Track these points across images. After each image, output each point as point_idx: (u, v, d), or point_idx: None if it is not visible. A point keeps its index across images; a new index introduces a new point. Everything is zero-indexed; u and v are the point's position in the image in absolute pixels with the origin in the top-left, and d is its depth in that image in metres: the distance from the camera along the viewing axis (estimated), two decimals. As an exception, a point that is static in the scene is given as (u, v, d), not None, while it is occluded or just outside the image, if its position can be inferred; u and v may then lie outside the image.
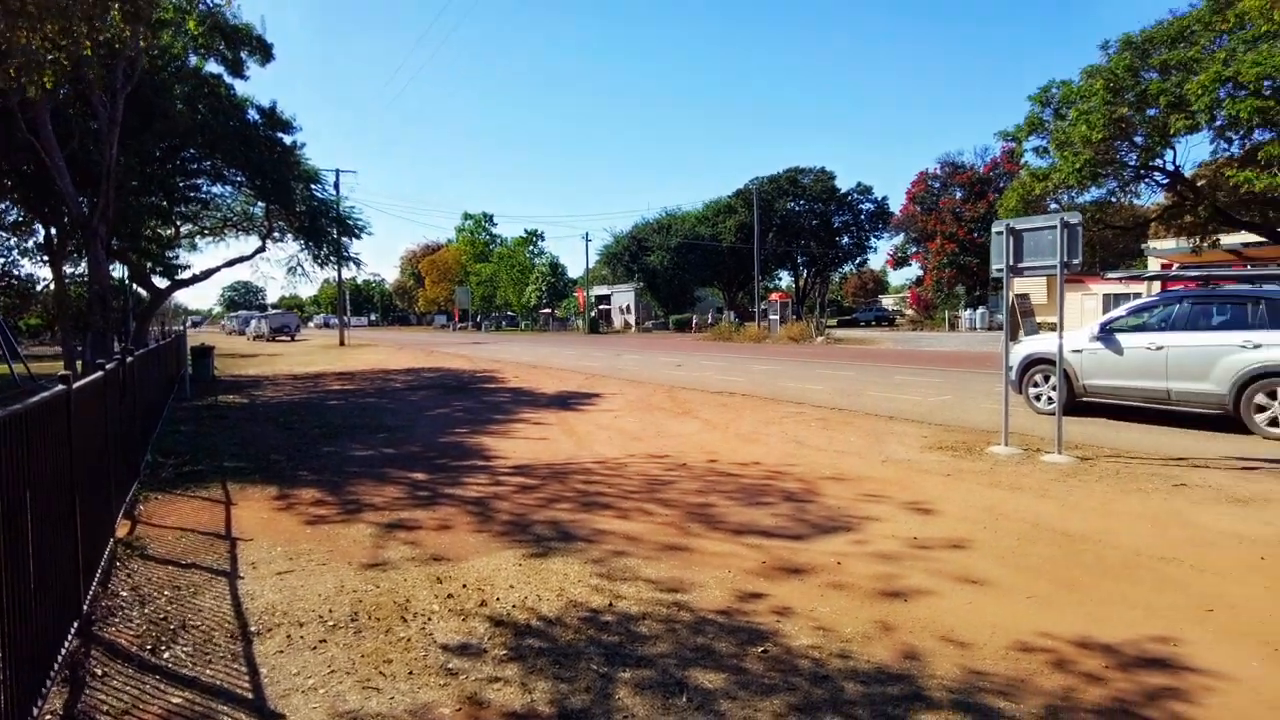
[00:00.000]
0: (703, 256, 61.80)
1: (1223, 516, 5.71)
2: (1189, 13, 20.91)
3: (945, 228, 48.87)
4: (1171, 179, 23.23)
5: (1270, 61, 17.39)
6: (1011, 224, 8.08)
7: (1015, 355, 10.95)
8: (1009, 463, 7.68)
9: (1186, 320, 9.35)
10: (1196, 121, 19.44)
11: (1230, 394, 8.79)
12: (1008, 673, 3.38)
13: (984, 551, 5.00)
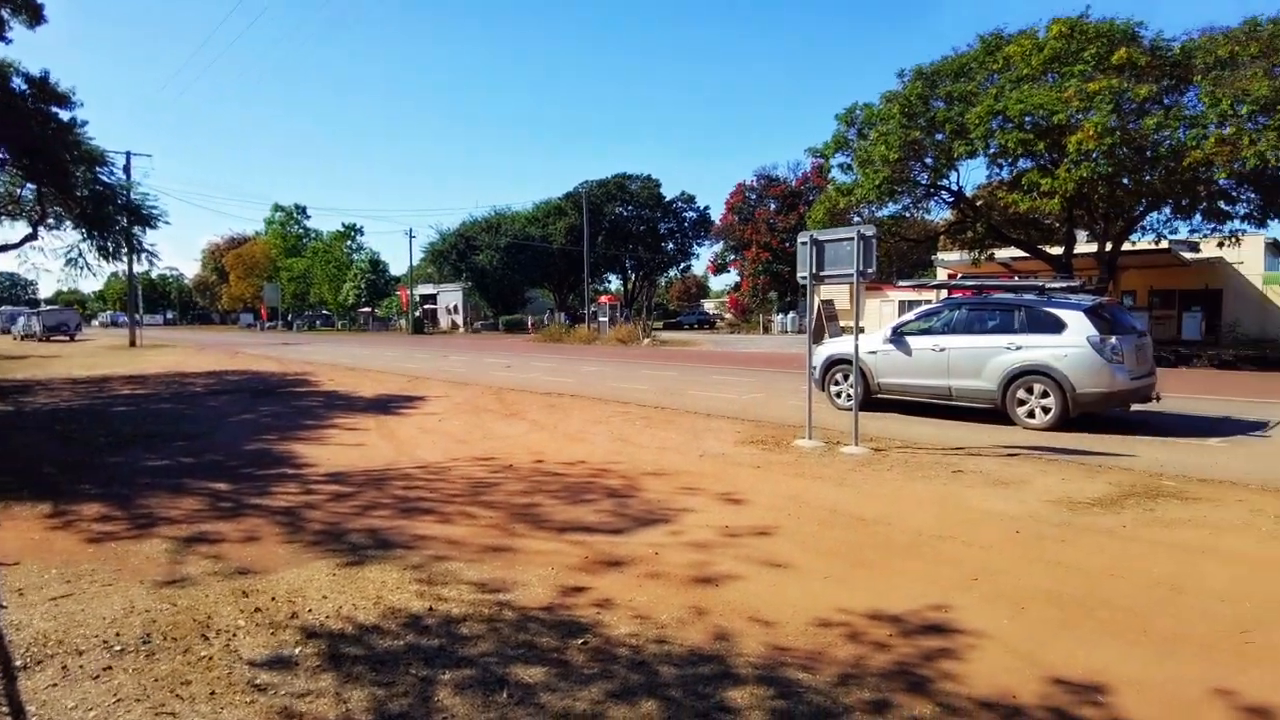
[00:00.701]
0: (533, 257, 61.59)
1: (989, 497, 6.50)
2: (968, 51, 23.46)
3: (760, 237, 51.71)
4: (955, 198, 25.93)
5: (1030, 100, 19.86)
6: (814, 235, 8.73)
7: (819, 356, 11.84)
8: (812, 455, 8.30)
9: (963, 325, 10.54)
10: (975, 148, 21.85)
11: (999, 390, 10.00)
12: (808, 647, 3.67)
13: (788, 537, 5.38)
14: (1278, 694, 3.21)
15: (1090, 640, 3.75)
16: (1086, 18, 21.30)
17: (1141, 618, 4.02)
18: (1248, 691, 3.23)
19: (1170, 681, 3.33)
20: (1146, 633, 3.85)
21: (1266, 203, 21.17)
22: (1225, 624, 3.94)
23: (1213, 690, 3.24)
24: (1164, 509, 6.11)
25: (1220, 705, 3.13)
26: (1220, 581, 4.55)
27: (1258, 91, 18.03)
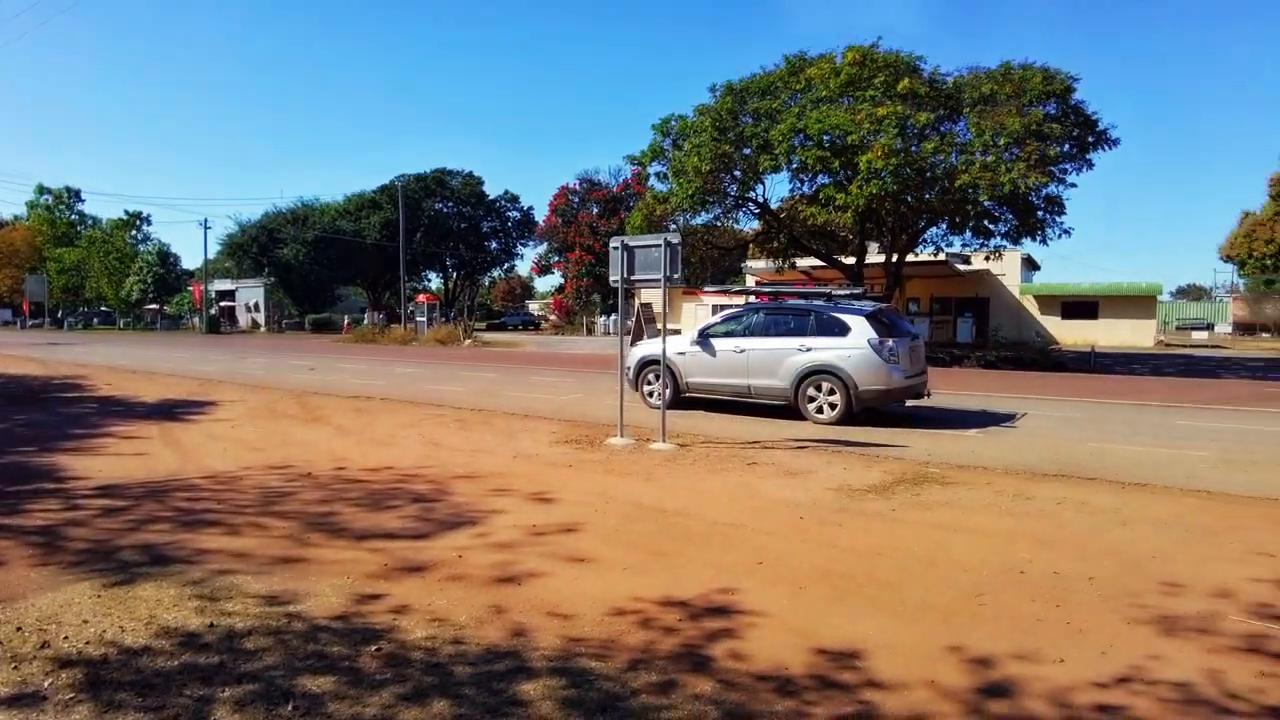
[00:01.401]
0: (345, 252, 58.51)
1: (779, 487, 7.01)
2: (774, 70, 24.99)
3: (583, 240, 52.32)
4: (761, 209, 27.54)
5: (828, 120, 21.52)
6: (625, 241, 9.02)
7: (632, 357, 12.23)
8: (623, 452, 8.56)
9: (761, 328, 11.29)
10: (779, 163, 23.34)
11: (791, 388, 10.79)
12: (602, 636, 3.81)
13: (593, 532, 5.54)
14: (997, 646, 3.73)
15: (856, 612, 4.17)
16: (877, 48, 23.34)
17: (899, 589, 4.52)
18: (975, 646, 3.72)
19: (916, 643, 3.78)
20: (902, 602, 4.33)
21: (1021, 223, 24.20)
22: (964, 590, 4.51)
23: (947, 647, 3.71)
24: (927, 493, 6.87)
25: (952, 659, 3.59)
26: (965, 553, 5.20)
27: (1011, 126, 20.63)
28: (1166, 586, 4.56)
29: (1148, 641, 3.82)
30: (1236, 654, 3.68)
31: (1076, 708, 3.16)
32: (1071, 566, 4.92)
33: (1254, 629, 3.97)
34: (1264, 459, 8.75)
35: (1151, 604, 4.29)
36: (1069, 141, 22.53)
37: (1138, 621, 4.05)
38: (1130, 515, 6.21)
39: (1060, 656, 3.63)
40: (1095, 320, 38.91)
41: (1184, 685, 3.36)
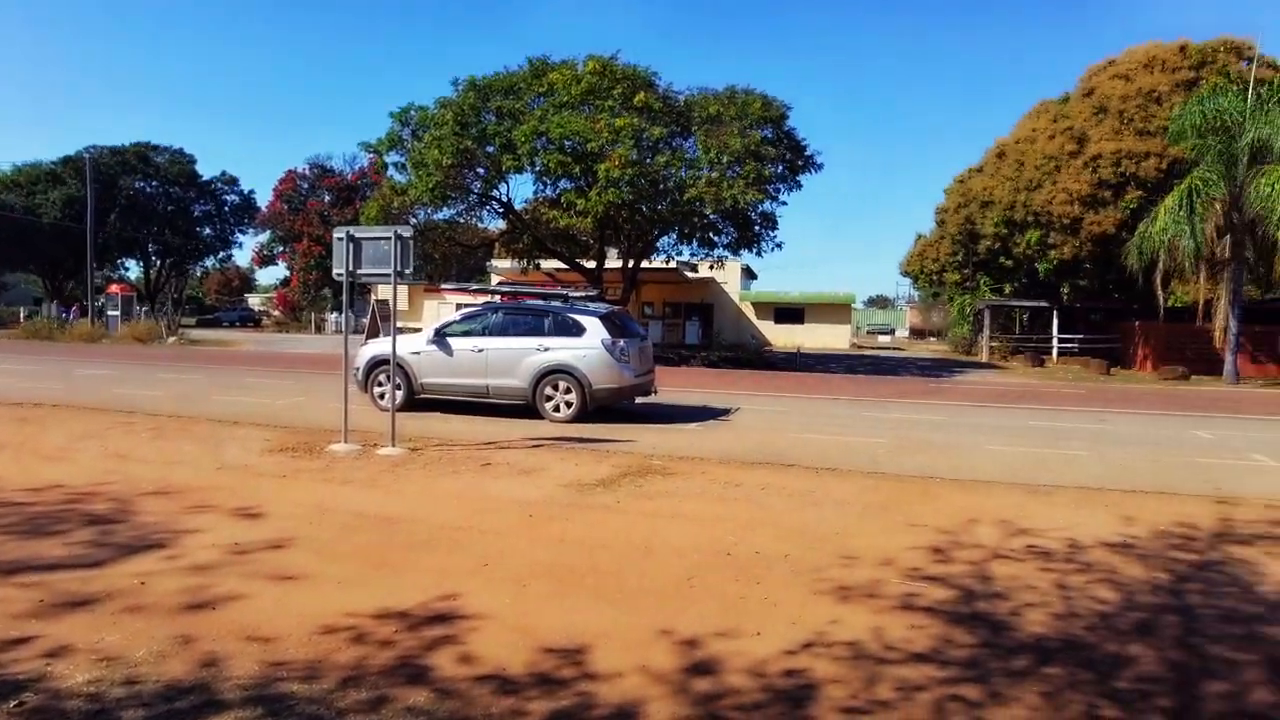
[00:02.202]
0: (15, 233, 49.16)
1: (511, 486, 7.00)
2: (518, 71, 24.99)
3: (313, 229, 48.66)
4: (505, 209, 27.45)
5: (569, 126, 21.96)
6: (351, 232, 8.50)
7: (362, 357, 11.60)
8: (346, 459, 8.06)
9: (500, 328, 11.24)
10: (521, 164, 23.40)
11: (530, 387, 10.86)
12: (308, 657, 3.53)
13: (305, 547, 5.14)
14: (704, 625, 4.01)
15: (578, 605, 4.26)
16: (617, 60, 24.23)
17: (619, 578, 4.70)
18: (685, 628, 3.97)
19: (631, 630, 3.94)
20: (622, 590, 4.50)
21: (740, 236, 26.44)
22: (678, 574, 4.80)
23: (660, 631, 3.92)
24: (650, 484, 7.24)
25: (663, 643, 3.79)
26: (680, 539, 5.53)
27: (734, 146, 22.46)
28: (845, 559, 5.19)
29: (828, 609, 4.31)
30: (895, 612, 4.28)
31: (769, 676, 3.47)
32: (771, 545, 5.43)
33: (908, 589, 4.64)
34: (926, 444, 10.33)
35: (833, 575, 4.85)
36: (782, 163, 25.03)
37: (821, 592, 4.57)
38: (821, 497, 7.01)
39: (758, 630, 3.98)
40: (802, 325, 43.70)
41: (855, 644, 3.84)
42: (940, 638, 3.93)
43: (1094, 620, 4.23)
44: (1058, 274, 29.86)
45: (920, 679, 3.47)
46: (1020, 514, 6.51)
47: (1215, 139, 22.85)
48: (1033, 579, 4.86)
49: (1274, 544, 5.80)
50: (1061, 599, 4.53)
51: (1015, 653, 3.78)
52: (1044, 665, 3.65)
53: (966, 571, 4.98)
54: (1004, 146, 32.05)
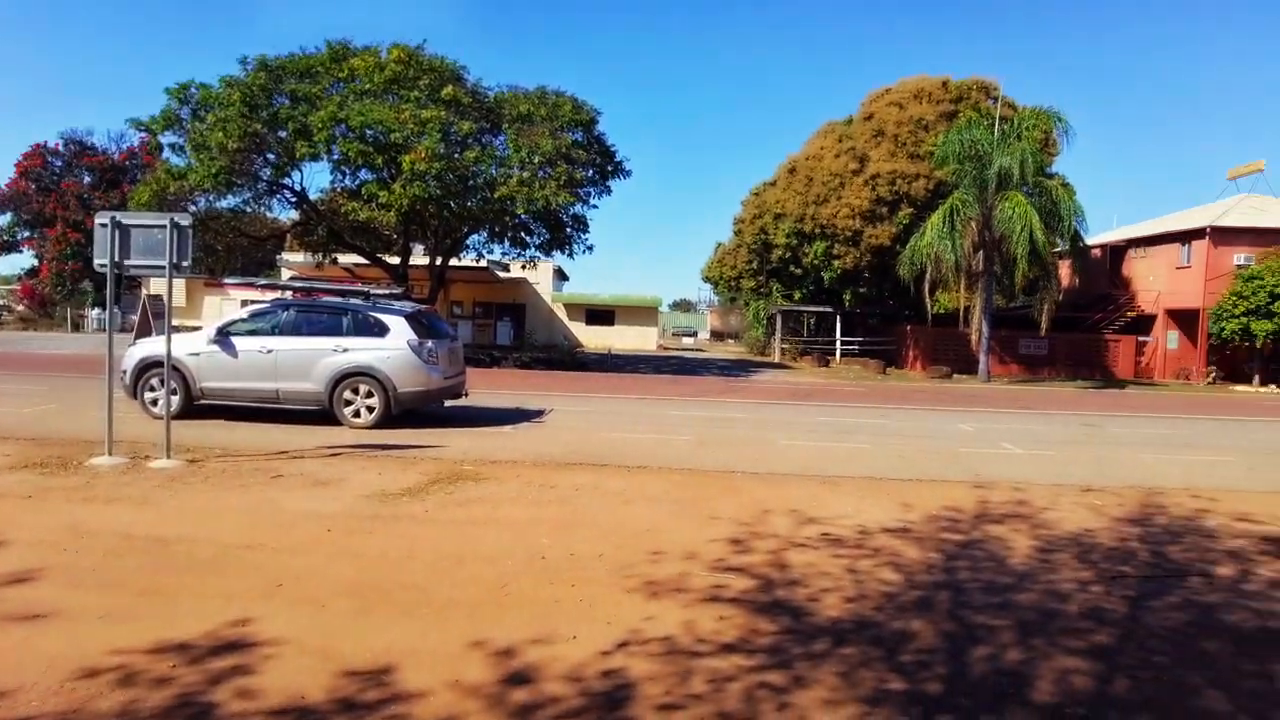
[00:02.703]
0: None
1: (307, 499, 6.51)
2: (315, 54, 23.39)
3: (69, 214, 42.82)
4: (299, 199, 25.63)
5: (371, 115, 20.89)
6: (119, 217, 7.52)
7: (130, 359, 10.33)
8: (111, 474, 7.12)
9: (293, 327, 10.41)
10: (318, 151, 21.95)
11: (326, 391, 10.17)
12: (59, 709, 3.05)
13: (58, 578, 4.47)
14: (520, 633, 3.92)
15: (384, 623, 4.03)
16: (423, 50, 23.37)
17: (428, 591, 4.50)
18: (499, 638, 3.86)
19: (442, 645, 3.78)
20: (431, 604, 4.31)
21: (552, 237, 26.44)
22: (491, 583, 4.68)
23: (472, 644, 3.79)
24: (462, 490, 7.02)
25: (477, 655, 3.67)
26: (493, 546, 5.40)
27: (545, 147, 22.42)
28: (657, 555, 5.30)
29: (642, 606, 4.38)
30: (704, 605, 4.42)
31: (587, 679, 3.46)
32: (586, 546, 5.44)
33: (713, 581, 4.82)
34: (729, 440, 10.85)
35: (645, 572, 4.94)
36: (593, 168, 25.32)
37: (635, 590, 4.63)
38: (633, 495, 7.14)
39: (574, 633, 3.96)
40: (612, 326, 44.52)
41: (668, 639, 3.92)
42: (746, 627, 4.11)
43: (881, 601, 4.61)
44: (841, 282, 32.53)
45: (730, 669, 3.61)
46: (814, 504, 6.99)
47: (971, 165, 25.95)
48: (827, 565, 5.22)
49: (1020, 521, 6.63)
50: (853, 582, 4.90)
51: (814, 637, 4.04)
52: (840, 646, 3.92)
53: (767, 561, 5.26)
54: (795, 162, 34.45)
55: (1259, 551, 5.97)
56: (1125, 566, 5.46)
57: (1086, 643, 4.09)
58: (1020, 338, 30.48)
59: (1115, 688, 3.59)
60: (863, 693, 3.43)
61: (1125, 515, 7.00)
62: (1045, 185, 26.46)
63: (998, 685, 3.57)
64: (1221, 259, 29.83)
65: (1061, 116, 26.91)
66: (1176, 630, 4.33)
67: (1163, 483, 8.68)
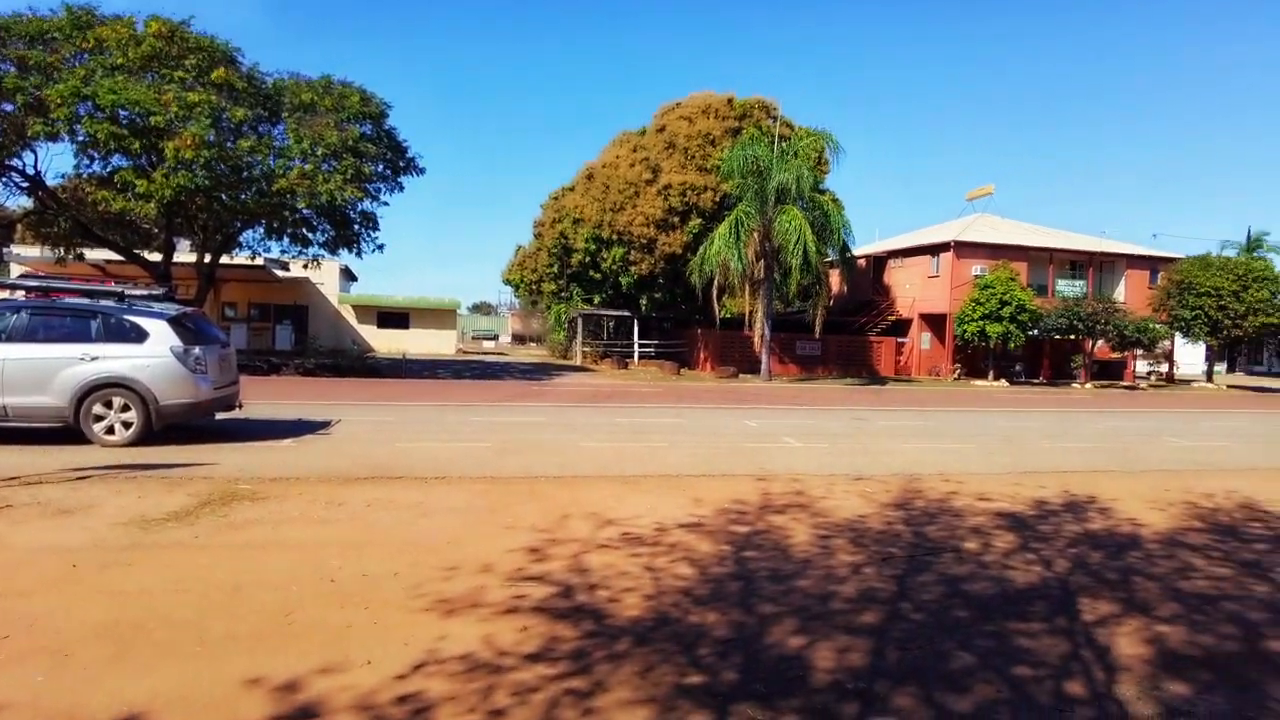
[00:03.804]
0: None
1: (45, 531, 5.66)
2: (52, 18, 20.39)
3: None
4: (33, 184, 22.29)
5: (126, 94, 18.56)
6: None
7: None
8: None
9: (25, 333, 8.97)
10: (57, 130, 19.20)
11: (71, 405, 8.89)
12: None
13: None
14: (306, 664, 3.64)
15: (144, 667, 3.57)
16: (188, 26, 21.14)
17: (199, 627, 4.06)
18: (281, 672, 3.55)
19: (215, 685, 3.41)
20: (203, 641, 3.89)
21: (338, 234, 24.92)
22: (273, 611, 4.31)
23: (249, 681, 3.45)
24: (237, 512, 6.42)
25: (255, 694, 3.35)
26: (275, 571, 4.98)
27: (330, 139, 21.10)
28: (456, 569, 5.15)
29: (440, 624, 4.22)
30: (505, 616, 4.35)
31: (381, 707, 3.27)
32: (379, 565, 5.17)
33: (514, 591, 4.76)
34: (531, 444, 10.78)
35: (444, 588, 4.78)
36: (383, 163, 24.18)
37: (433, 607, 4.46)
38: (431, 507, 6.89)
39: (368, 658, 3.74)
40: (407, 330, 42.79)
41: (468, 656, 3.81)
42: (548, 636, 4.10)
43: (678, 596, 4.77)
44: (638, 287, 33.50)
45: (534, 680, 3.57)
46: (613, 505, 7.12)
47: (753, 180, 27.71)
48: (626, 565, 5.33)
49: (800, 511, 7.16)
50: (652, 580, 5.04)
51: (616, 638, 4.10)
52: (641, 645, 4.01)
53: (568, 566, 5.28)
54: (593, 169, 35.01)
55: (995, 526, 6.87)
56: (892, 548, 6.06)
57: (860, 621, 4.48)
58: (797, 340, 32.99)
59: (886, 660, 3.96)
60: (664, 690, 3.53)
61: (891, 501, 7.78)
62: (818, 201, 28.87)
63: (787, 669, 3.81)
64: (963, 270, 34.06)
65: (833, 138, 29.52)
66: (934, 602, 4.87)
67: (920, 469, 9.74)
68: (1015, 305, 30.53)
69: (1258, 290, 33.25)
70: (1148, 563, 5.90)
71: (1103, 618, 4.68)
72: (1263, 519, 7.54)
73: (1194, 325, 34.00)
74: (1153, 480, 9.59)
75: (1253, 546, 6.48)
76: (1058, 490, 8.59)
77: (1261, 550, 6.36)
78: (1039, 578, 5.44)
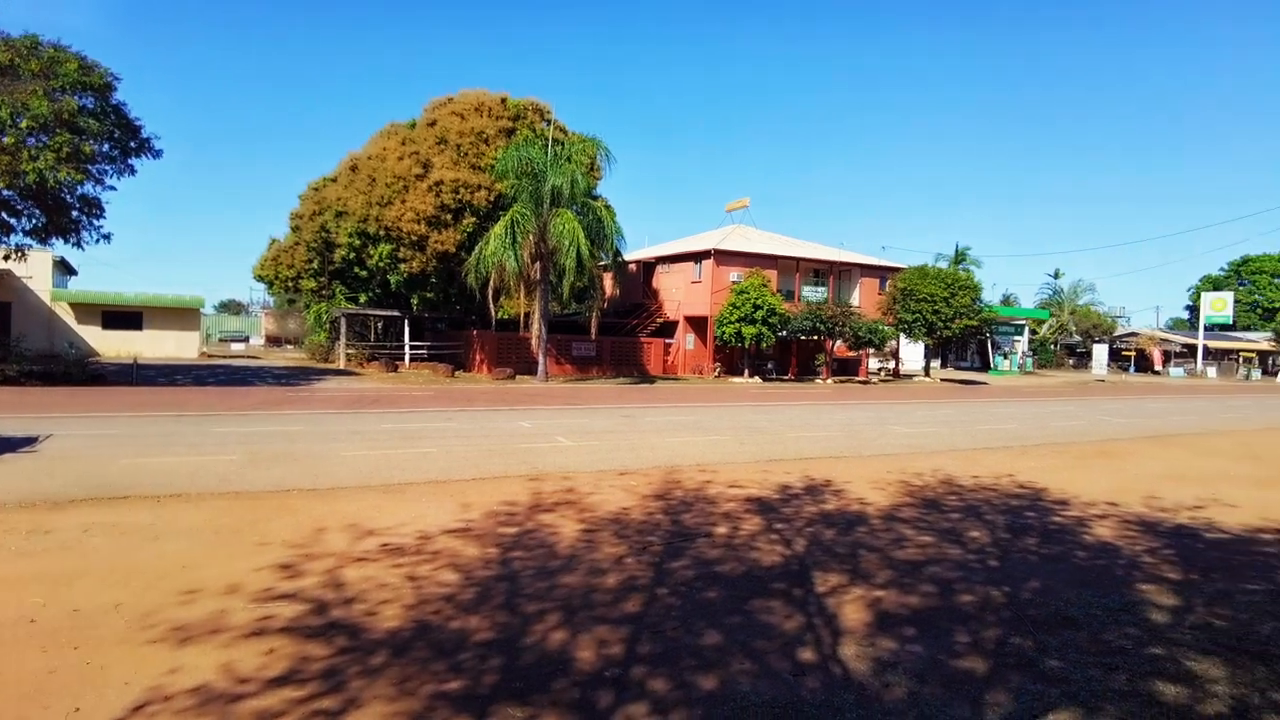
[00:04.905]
0: None
1: None
2: None
3: None
4: None
5: None
6: None
7: None
8: None
9: None
10: None
11: None
12: None
13: None
14: None
15: None
16: None
17: None
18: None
19: None
20: None
21: (51, 221, 21.54)
22: (-51, 664, 3.66)
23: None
24: (-97, 550, 5.36)
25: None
26: (-47, 618, 4.23)
27: (39, 109, 18.21)
28: (190, 594, 4.68)
29: (170, 656, 3.82)
30: (247, 641, 4.03)
31: (89, 756, 2.91)
32: (96, 598, 4.57)
33: (260, 613, 4.42)
34: (284, 455, 10.01)
35: (174, 616, 4.33)
36: (109, 142, 21.31)
37: (160, 639, 4.03)
38: (164, 529, 6.19)
39: (76, 706, 3.31)
40: (140, 331, 37.93)
41: (201, 688, 3.49)
42: (297, 656, 3.85)
43: (441, 604, 4.68)
44: (408, 286, 32.25)
45: (279, 705, 3.35)
46: (375, 515, 6.83)
47: (528, 181, 27.76)
48: (386, 576, 5.14)
49: (569, 508, 7.30)
50: (413, 590, 4.90)
51: (372, 652, 3.94)
52: (399, 657, 3.89)
53: (322, 582, 5.00)
54: (357, 160, 33.20)
55: (745, 511, 7.44)
56: (652, 537, 6.36)
57: (620, 611, 4.67)
58: (573, 341, 33.54)
59: (643, 646, 4.15)
60: (422, 699, 3.45)
61: (652, 492, 8.15)
62: (591, 205, 29.51)
63: (548, 664, 3.88)
64: (722, 276, 36.43)
65: (604, 145, 30.33)
66: (687, 585, 5.18)
67: (680, 461, 10.31)
68: (767, 309, 33.17)
69: (963, 296, 38.77)
70: (871, 536, 6.70)
71: (833, 588, 5.24)
72: (959, 492, 8.83)
73: (914, 327, 38.92)
74: (877, 464, 10.88)
75: (949, 516, 7.57)
76: (800, 475, 9.48)
77: (956, 519, 7.45)
78: (781, 556, 5.98)
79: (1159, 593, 5.34)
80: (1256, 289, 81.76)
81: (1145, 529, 7.24)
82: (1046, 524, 7.35)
